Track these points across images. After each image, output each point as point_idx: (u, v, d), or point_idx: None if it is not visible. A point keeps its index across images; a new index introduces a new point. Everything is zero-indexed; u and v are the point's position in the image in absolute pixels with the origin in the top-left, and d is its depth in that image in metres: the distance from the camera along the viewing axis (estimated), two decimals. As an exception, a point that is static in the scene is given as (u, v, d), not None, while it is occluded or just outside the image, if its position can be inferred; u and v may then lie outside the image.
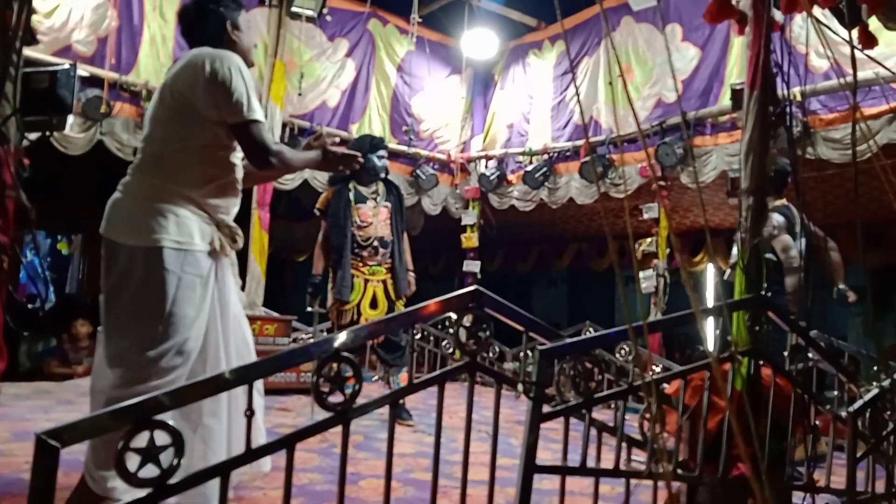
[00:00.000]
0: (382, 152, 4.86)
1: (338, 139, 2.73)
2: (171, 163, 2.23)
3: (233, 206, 2.40)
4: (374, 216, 4.80)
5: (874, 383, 3.77)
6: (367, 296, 4.74)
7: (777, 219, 4.10)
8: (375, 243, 4.78)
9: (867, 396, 2.79)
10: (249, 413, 1.60)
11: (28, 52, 1.73)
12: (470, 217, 8.43)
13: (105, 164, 6.49)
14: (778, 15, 2.86)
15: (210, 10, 2.41)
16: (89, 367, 6.28)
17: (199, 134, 2.26)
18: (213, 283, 2.30)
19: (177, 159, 2.23)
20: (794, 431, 2.57)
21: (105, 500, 2.10)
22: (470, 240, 8.42)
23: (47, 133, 2.02)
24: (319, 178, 7.36)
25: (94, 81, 5.90)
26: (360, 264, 4.75)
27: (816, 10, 2.95)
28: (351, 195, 4.79)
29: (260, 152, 2.27)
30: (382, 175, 4.94)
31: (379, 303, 4.76)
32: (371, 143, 4.82)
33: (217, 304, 2.33)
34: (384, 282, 4.80)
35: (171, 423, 1.41)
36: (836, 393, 4.14)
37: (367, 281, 4.74)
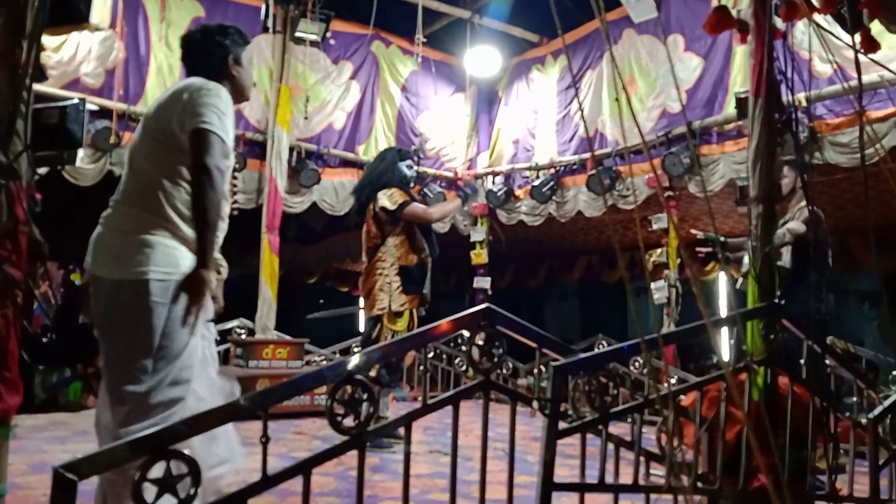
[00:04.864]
0: (409, 162, 4.94)
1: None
2: (157, 195, 2.16)
3: (218, 238, 2.30)
4: None
5: (893, 388, 3.74)
6: None
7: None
8: None
9: (887, 402, 2.76)
10: (265, 440, 1.60)
11: (37, 86, 1.75)
12: (479, 234, 8.43)
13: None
14: (779, 22, 2.87)
15: (216, 42, 2.40)
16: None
17: (184, 165, 2.18)
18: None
19: (162, 191, 2.16)
20: (813, 440, 2.54)
21: None
22: (479, 256, 8.41)
23: (58, 167, 2.04)
24: (328, 201, 7.39)
25: (102, 113, 5.96)
26: None
27: (818, 16, 2.95)
28: None
29: (200, 158, 2.11)
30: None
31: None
32: (399, 153, 4.94)
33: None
34: None
35: (186, 451, 1.41)
36: (854, 399, 4.10)
37: None
